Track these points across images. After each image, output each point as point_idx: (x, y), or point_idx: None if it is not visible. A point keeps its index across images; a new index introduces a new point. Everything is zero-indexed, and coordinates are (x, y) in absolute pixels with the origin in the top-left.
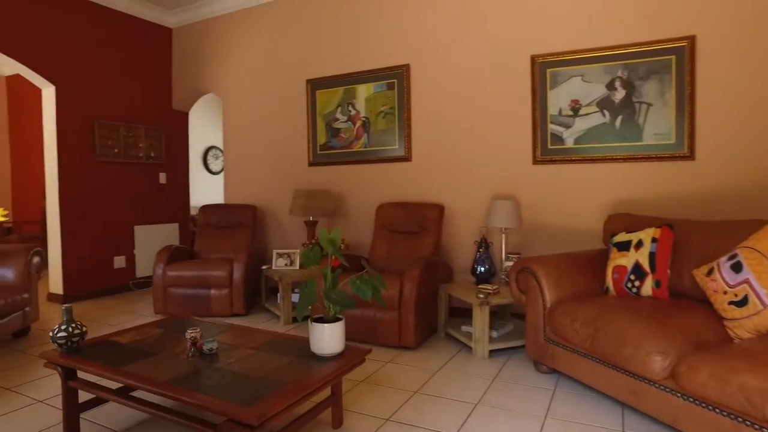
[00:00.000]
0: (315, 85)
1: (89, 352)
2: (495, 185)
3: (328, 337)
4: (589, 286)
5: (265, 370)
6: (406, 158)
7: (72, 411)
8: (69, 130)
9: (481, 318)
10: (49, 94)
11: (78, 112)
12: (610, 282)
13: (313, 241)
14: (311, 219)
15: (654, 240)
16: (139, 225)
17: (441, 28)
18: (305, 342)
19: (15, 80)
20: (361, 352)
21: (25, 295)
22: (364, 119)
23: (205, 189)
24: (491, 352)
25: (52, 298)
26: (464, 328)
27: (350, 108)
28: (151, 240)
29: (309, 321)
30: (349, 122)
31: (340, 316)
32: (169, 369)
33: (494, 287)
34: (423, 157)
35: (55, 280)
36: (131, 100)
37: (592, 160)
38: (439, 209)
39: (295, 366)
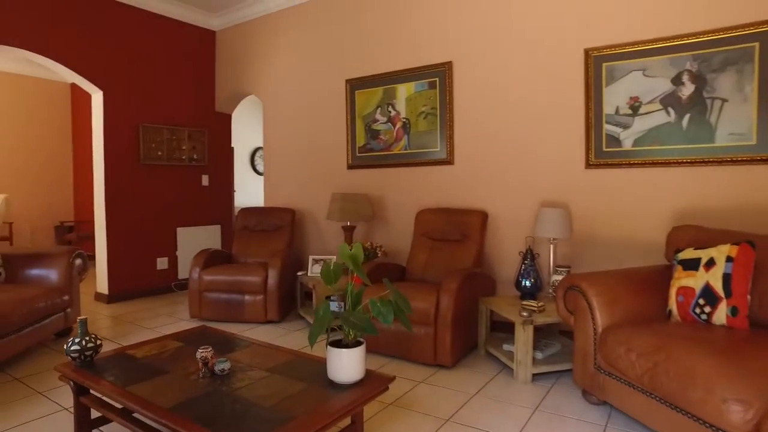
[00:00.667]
0: (354, 85)
1: (101, 367)
2: (543, 191)
3: (346, 364)
4: (648, 308)
5: (276, 398)
6: (448, 161)
7: (83, 426)
8: (115, 133)
9: (524, 338)
10: (97, 99)
11: (124, 116)
12: (673, 305)
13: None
14: (348, 224)
15: (729, 259)
16: (181, 227)
17: (485, 22)
18: (324, 364)
19: (77, 86)
20: (383, 380)
21: (66, 297)
22: (404, 120)
23: (253, 190)
24: (535, 375)
25: (98, 297)
26: (506, 346)
27: (390, 109)
28: (194, 242)
29: (326, 343)
30: (389, 123)
31: (362, 340)
32: (175, 392)
33: (539, 303)
34: (466, 160)
35: (101, 279)
36: (175, 102)
37: (654, 164)
38: (483, 216)
39: (308, 395)
